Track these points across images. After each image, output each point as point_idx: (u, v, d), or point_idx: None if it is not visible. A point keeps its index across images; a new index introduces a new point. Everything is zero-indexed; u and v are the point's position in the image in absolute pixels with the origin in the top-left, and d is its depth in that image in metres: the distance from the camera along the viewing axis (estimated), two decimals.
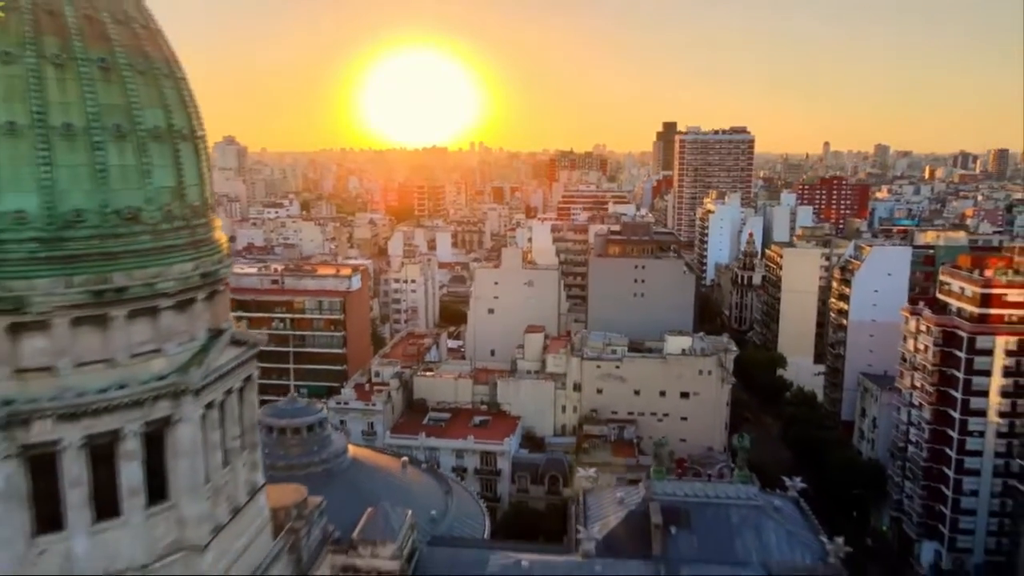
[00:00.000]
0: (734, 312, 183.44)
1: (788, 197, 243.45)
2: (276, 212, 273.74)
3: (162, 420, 27.91)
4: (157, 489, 28.33)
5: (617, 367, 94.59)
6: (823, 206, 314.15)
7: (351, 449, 63.85)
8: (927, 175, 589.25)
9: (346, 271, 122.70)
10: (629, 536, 53.69)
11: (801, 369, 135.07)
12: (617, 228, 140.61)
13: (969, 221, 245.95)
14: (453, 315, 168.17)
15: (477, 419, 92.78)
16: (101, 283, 26.05)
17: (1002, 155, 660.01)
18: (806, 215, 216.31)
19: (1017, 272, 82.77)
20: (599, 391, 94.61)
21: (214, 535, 29.86)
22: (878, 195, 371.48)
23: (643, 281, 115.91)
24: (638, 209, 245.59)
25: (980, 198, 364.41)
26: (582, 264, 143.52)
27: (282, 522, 36.90)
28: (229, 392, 31.36)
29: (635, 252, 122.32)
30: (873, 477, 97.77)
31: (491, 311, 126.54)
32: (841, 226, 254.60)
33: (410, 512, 52.78)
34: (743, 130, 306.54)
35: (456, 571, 50.33)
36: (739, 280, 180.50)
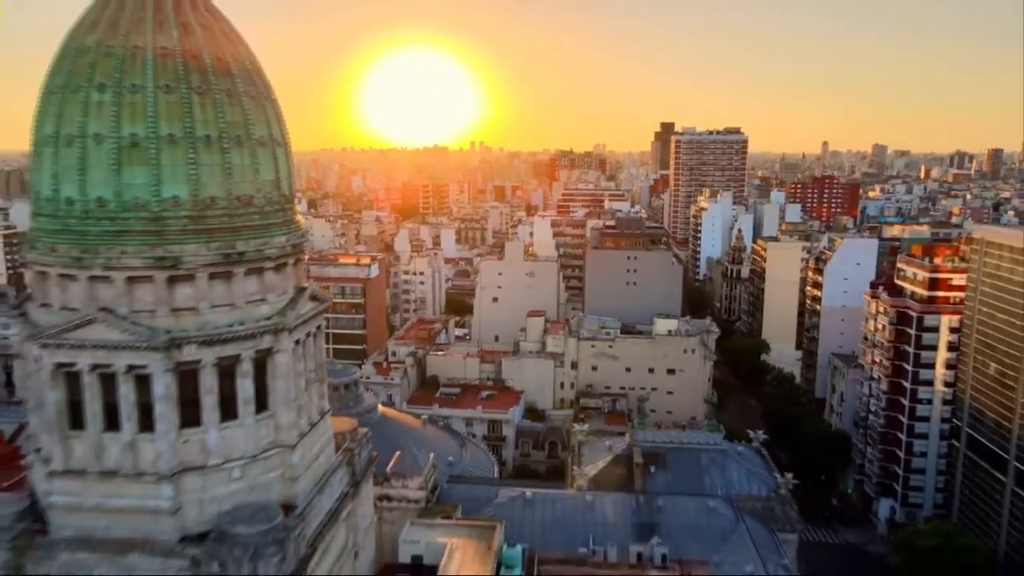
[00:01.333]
0: (724, 304, 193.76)
1: (777, 195, 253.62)
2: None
3: (266, 350, 38.20)
4: (261, 402, 38.63)
5: (610, 347, 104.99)
6: (815, 204, 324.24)
7: (379, 408, 74.18)
8: (923, 174, 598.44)
9: (366, 260, 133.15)
10: (615, 475, 64.27)
11: (783, 354, 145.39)
12: (612, 223, 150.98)
13: (955, 219, 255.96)
14: (458, 306, 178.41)
15: (484, 393, 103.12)
16: (228, 249, 36.42)
17: (996, 155, 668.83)
18: (794, 212, 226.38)
19: (962, 259, 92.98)
20: (594, 368, 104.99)
21: (299, 439, 40.17)
22: (871, 194, 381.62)
23: (635, 271, 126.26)
24: (632, 206, 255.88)
25: (969, 197, 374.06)
26: (579, 257, 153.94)
27: (340, 443, 47.26)
28: (308, 335, 41.68)
29: (628, 245, 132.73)
30: (840, 445, 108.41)
31: (495, 300, 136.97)
32: (830, 223, 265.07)
33: (432, 455, 63.45)
34: (737, 131, 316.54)
35: (471, 501, 60.62)
36: (728, 273, 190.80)
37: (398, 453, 62.84)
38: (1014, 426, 77.98)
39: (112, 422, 35.88)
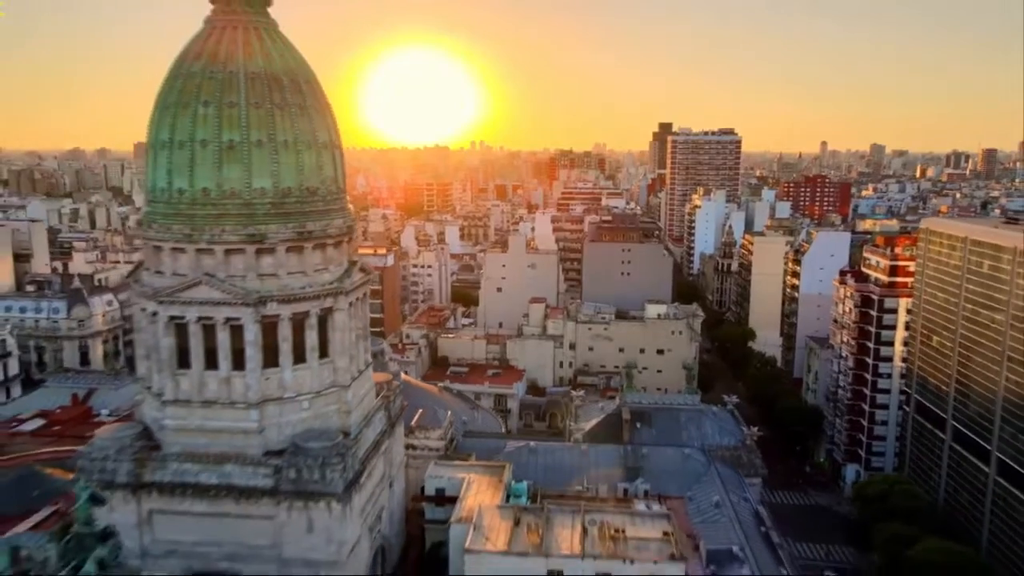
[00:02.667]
0: (715, 296, 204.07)
1: (768, 193, 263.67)
2: None
3: (327, 309, 48.48)
4: (323, 350, 48.92)
5: (605, 329, 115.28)
6: (807, 202, 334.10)
7: (402, 375, 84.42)
8: (919, 174, 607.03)
9: (382, 250, 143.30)
10: (607, 430, 74.62)
11: (769, 341, 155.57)
12: (608, 218, 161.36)
13: (941, 216, 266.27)
14: (463, 298, 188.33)
15: (490, 372, 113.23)
16: (300, 228, 46.75)
17: (990, 155, 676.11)
18: (784, 209, 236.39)
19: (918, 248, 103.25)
20: (590, 349, 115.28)
21: (351, 382, 50.50)
22: (864, 193, 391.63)
23: (629, 262, 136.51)
24: (627, 203, 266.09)
25: (959, 196, 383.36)
26: (578, 251, 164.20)
27: (379, 391, 57.63)
28: (357, 299, 52.01)
29: (623, 238, 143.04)
30: (813, 419, 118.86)
31: (499, 289, 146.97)
32: (821, 221, 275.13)
33: (450, 412, 73.89)
34: (731, 131, 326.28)
35: (483, 451, 70.91)
36: (720, 267, 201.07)
37: (420, 411, 73.19)
38: (950, 390, 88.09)
39: (211, 363, 46.26)
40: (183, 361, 46.48)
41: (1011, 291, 76.54)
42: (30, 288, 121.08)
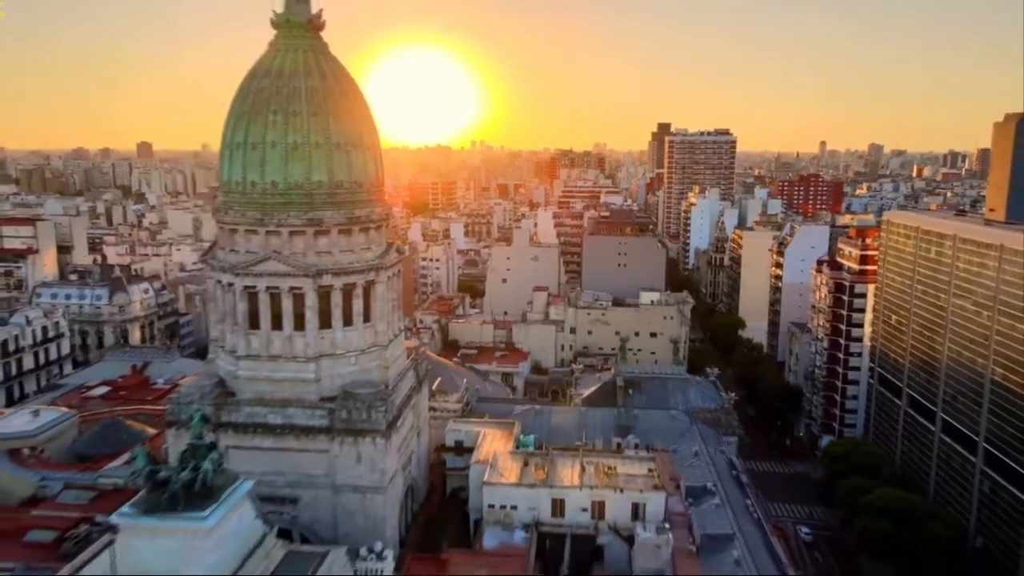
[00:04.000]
0: (709, 289, 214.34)
1: (761, 192, 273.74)
2: None
3: (370, 281, 58.59)
4: (367, 315, 59.04)
5: (603, 314, 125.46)
6: (801, 201, 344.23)
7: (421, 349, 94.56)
8: (915, 173, 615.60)
9: (398, 241, 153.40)
10: (603, 396, 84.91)
11: (757, 329, 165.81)
12: (607, 214, 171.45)
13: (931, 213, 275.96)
14: (468, 291, 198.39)
15: (498, 353, 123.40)
16: (350, 214, 56.89)
17: (985, 154, 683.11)
18: (775, 207, 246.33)
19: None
20: (589, 332, 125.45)
21: (389, 343, 60.64)
22: (859, 191, 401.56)
23: (625, 254, 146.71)
24: (624, 200, 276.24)
25: (950, 194, 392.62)
26: (578, 245, 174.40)
27: (408, 355, 67.78)
28: (393, 275, 62.16)
29: (619, 232, 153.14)
30: (794, 397, 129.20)
31: (504, 280, 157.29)
32: (813, 218, 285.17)
33: (465, 380, 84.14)
34: (726, 132, 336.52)
35: (494, 413, 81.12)
36: (713, 262, 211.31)
37: (439, 379, 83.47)
38: (906, 362, 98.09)
39: (276, 324, 56.37)
40: (253, 323, 56.63)
41: (952, 273, 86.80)
42: (73, 277, 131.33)
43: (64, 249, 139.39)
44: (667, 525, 55.73)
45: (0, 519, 54.32)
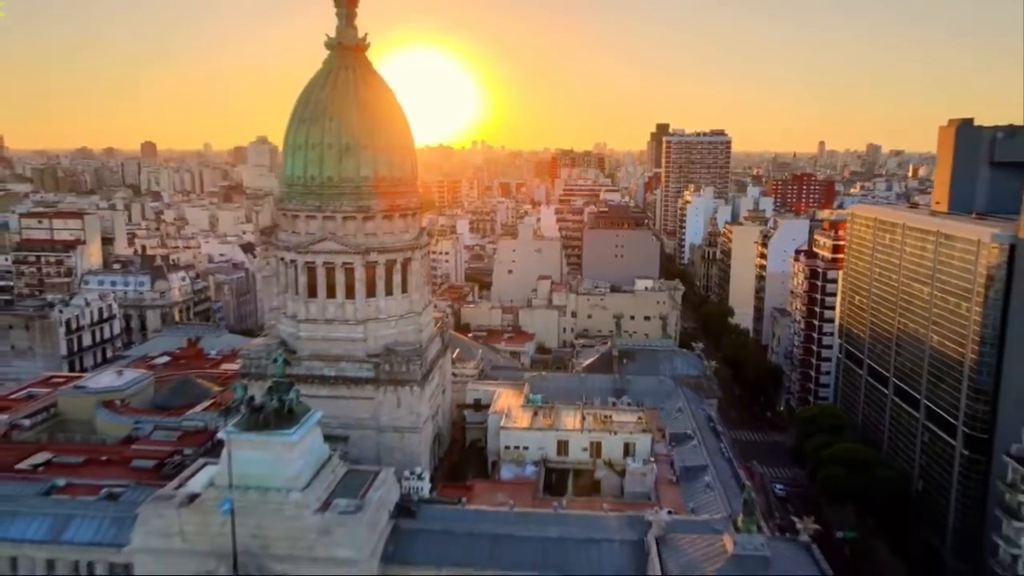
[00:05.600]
0: (702, 281, 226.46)
1: (753, 190, 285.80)
2: None
3: (407, 258, 70.63)
4: (404, 287, 71.15)
5: (601, 300, 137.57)
6: (794, 199, 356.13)
7: None
8: (911, 173, 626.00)
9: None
10: (601, 365, 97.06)
11: (745, 316, 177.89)
12: (605, 209, 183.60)
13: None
14: (474, 283, 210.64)
15: (506, 335, 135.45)
16: (391, 203, 69.01)
17: None
18: (767, 204, 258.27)
19: None
20: (589, 316, 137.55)
21: (422, 311, 72.78)
22: (852, 190, 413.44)
23: (622, 246, 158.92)
24: (622, 197, 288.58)
25: None
26: (578, 239, 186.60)
27: (436, 323, 79.88)
28: (424, 254, 74.28)
29: (616, 225, 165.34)
30: (775, 376, 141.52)
31: (510, 271, 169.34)
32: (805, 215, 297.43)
33: (480, 351, 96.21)
34: (721, 132, 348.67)
35: (505, 379, 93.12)
36: (706, 255, 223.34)
37: (458, 350, 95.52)
38: (866, 336, 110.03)
39: (330, 294, 68.39)
40: (311, 293, 68.73)
41: (901, 257, 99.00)
42: (116, 266, 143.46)
43: (106, 241, 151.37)
44: (652, 459, 67.79)
45: (108, 452, 66.60)
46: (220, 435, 54.41)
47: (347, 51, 69.39)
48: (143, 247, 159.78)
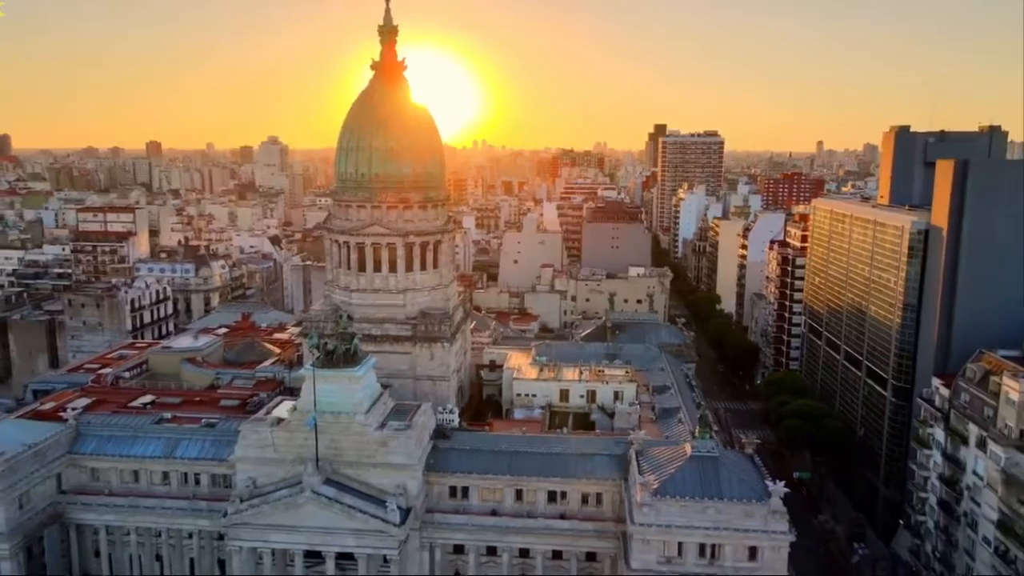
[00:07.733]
0: (693, 273, 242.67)
1: (743, 188, 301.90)
2: (328, 199, 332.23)
3: (438, 240, 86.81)
4: (435, 263, 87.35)
5: (598, 285, 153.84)
6: (784, 197, 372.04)
7: None
8: None
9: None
10: (597, 334, 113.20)
11: (730, 303, 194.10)
12: (602, 205, 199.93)
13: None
14: (483, 272, 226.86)
15: (513, 316, 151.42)
16: (426, 195, 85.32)
17: None
18: (756, 202, 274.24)
19: None
20: (587, 299, 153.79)
21: (449, 283, 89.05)
22: (844, 189, 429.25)
23: (617, 238, 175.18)
24: (618, 194, 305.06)
25: None
26: (578, 232, 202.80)
27: (460, 295, 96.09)
28: (451, 237, 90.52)
29: (612, 219, 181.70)
30: (753, 352, 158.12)
31: (515, 261, 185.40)
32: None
33: (493, 323, 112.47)
34: (715, 133, 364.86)
35: (515, 346, 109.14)
36: (697, 248, 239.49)
37: (474, 322, 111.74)
38: (824, 311, 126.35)
39: (376, 268, 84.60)
40: (360, 268, 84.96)
41: (849, 242, 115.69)
42: (163, 255, 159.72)
43: (152, 232, 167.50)
44: (636, 403, 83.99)
45: (201, 395, 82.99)
46: (301, 372, 70.87)
47: (389, 72, 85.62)
48: (185, 238, 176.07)
